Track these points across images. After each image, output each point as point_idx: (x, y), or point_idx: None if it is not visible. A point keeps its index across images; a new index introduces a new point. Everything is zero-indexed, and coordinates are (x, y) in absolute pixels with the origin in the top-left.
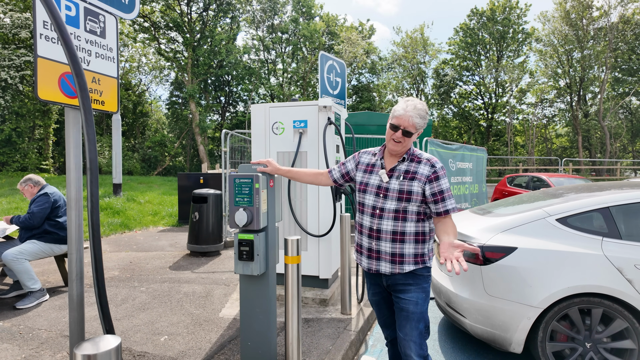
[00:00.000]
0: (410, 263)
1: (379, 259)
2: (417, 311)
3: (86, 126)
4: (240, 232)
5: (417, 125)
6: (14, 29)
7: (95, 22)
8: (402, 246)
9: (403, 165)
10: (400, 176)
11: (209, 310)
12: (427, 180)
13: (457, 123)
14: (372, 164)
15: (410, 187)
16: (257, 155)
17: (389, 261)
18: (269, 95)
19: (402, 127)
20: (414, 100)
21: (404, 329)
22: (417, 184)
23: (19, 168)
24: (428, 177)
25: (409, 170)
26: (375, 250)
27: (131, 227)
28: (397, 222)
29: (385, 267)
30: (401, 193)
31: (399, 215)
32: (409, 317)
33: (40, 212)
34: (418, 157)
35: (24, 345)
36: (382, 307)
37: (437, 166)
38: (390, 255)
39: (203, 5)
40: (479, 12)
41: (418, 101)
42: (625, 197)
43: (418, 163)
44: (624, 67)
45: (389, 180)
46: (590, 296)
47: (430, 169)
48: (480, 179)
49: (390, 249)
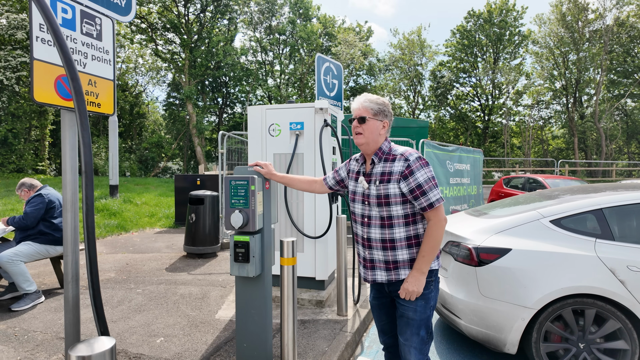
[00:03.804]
0: (406, 268)
1: (373, 268)
2: (416, 318)
3: (81, 130)
4: (236, 233)
5: (369, 108)
6: (10, 30)
7: (91, 25)
8: (394, 253)
9: (378, 167)
10: (377, 180)
11: (205, 311)
12: (402, 177)
13: (453, 125)
14: (357, 171)
15: (386, 189)
16: (253, 157)
17: (383, 269)
18: (267, 97)
19: (355, 116)
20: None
21: (404, 334)
22: (392, 185)
23: (15, 169)
24: (402, 174)
25: (385, 171)
26: (369, 259)
27: (128, 228)
28: (384, 230)
29: (381, 276)
30: (379, 198)
31: (384, 223)
32: (409, 323)
33: (34, 212)
34: (393, 154)
35: (19, 348)
36: (381, 313)
37: (410, 159)
38: (384, 263)
39: (200, 7)
40: (476, 14)
41: (370, 94)
42: (618, 198)
43: (392, 162)
44: (619, 69)
45: (369, 186)
46: (583, 297)
47: (403, 164)
48: (477, 180)
49: (383, 257)
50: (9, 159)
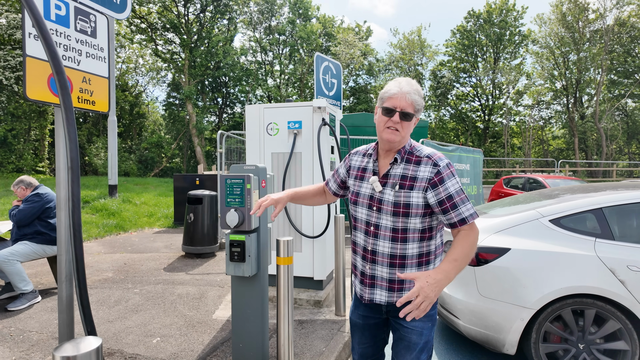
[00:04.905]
0: (411, 289)
1: (373, 286)
2: (420, 342)
3: (67, 124)
4: (232, 233)
5: (416, 103)
6: (10, 30)
7: (85, 22)
8: (402, 271)
9: (399, 169)
10: (396, 184)
11: (203, 311)
12: (430, 185)
13: (454, 125)
14: (363, 167)
15: (407, 198)
16: (252, 156)
17: (385, 288)
18: (266, 97)
19: (398, 109)
20: (405, 78)
21: (403, 358)
22: (416, 194)
23: (14, 169)
24: (430, 181)
25: (406, 175)
26: (369, 275)
27: (126, 228)
28: (395, 244)
29: (381, 296)
30: (397, 207)
31: (397, 236)
32: (410, 347)
33: (28, 209)
34: (417, 155)
35: (14, 348)
36: (365, 335)
37: (440, 164)
38: (388, 282)
39: (200, 7)
40: (476, 14)
41: (410, 80)
42: (617, 198)
43: (417, 164)
44: (620, 70)
45: (382, 189)
46: (583, 297)
47: (432, 170)
48: (477, 180)
49: (388, 275)
50: (9, 159)
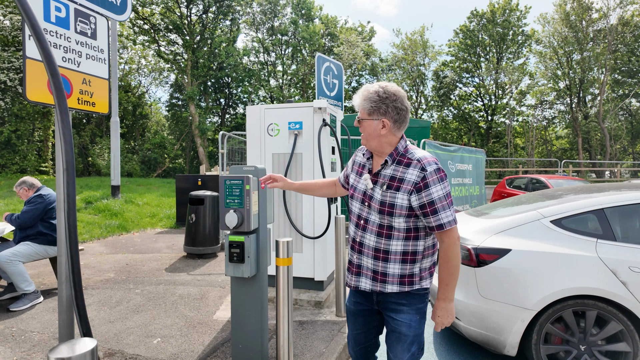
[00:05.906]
0: (394, 283)
1: (359, 274)
2: (409, 334)
3: (62, 127)
4: (231, 233)
5: (363, 107)
6: (14, 32)
7: (85, 24)
8: (385, 265)
9: (389, 170)
10: (385, 184)
11: (204, 312)
12: (415, 189)
13: (456, 125)
14: (362, 164)
15: (393, 199)
16: (252, 157)
17: (370, 277)
18: (269, 97)
19: (358, 118)
20: (370, 85)
21: (394, 350)
22: (401, 196)
23: (18, 170)
24: (415, 185)
25: (395, 176)
26: (356, 264)
27: (129, 229)
28: (380, 239)
29: (365, 284)
30: (383, 205)
31: (382, 232)
32: (400, 339)
33: (31, 211)
34: (409, 157)
35: (16, 348)
36: (358, 320)
37: (428, 169)
38: (372, 272)
39: (203, 8)
40: (479, 14)
41: (373, 84)
42: (619, 198)
43: (407, 166)
44: (624, 69)
45: (373, 187)
46: (584, 298)
47: (419, 174)
48: (479, 180)
49: (372, 266)
50: (13, 160)
